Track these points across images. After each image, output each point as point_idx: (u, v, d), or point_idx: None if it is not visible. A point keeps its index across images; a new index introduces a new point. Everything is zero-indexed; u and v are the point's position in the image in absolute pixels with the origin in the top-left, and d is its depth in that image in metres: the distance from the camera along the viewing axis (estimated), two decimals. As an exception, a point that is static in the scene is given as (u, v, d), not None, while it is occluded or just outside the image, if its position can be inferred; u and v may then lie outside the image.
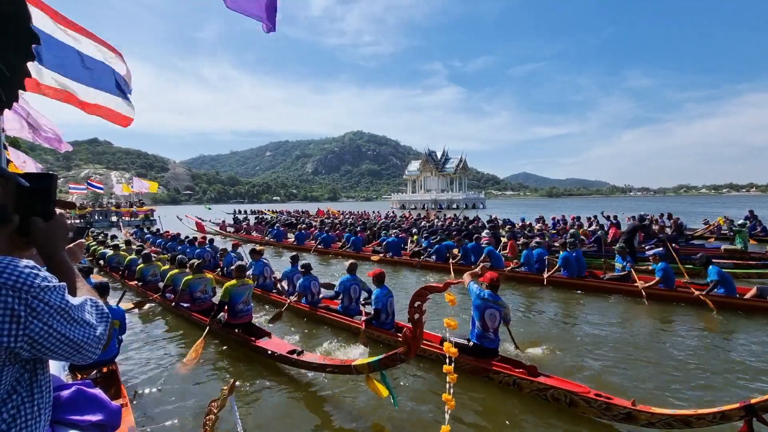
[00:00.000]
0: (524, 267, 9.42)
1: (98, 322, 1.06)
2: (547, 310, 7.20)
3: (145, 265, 8.36)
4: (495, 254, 10.11)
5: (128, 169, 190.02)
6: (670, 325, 6.34)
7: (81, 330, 1.00)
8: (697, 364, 4.77)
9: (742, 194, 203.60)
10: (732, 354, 5.07)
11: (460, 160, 72.18)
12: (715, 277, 6.80)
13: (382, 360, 3.37)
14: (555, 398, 3.81)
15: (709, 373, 4.53)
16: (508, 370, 4.17)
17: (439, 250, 11.14)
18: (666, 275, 7.29)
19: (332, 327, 6.30)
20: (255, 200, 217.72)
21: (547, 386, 3.85)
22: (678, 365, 4.73)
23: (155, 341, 6.03)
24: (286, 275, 7.57)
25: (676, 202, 79.09)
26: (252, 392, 4.34)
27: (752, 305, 6.54)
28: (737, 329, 5.97)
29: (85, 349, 1.01)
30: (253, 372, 4.81)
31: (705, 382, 4.34)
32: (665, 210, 21.88)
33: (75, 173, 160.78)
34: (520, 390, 4.04)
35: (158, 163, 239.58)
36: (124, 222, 35.28)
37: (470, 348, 4.51)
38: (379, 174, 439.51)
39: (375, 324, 5.63)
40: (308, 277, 6.84)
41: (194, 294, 6.39)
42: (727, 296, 6.72)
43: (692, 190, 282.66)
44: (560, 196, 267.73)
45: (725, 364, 4.75)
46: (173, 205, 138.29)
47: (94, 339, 1.03)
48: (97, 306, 1.09)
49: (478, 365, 4.36)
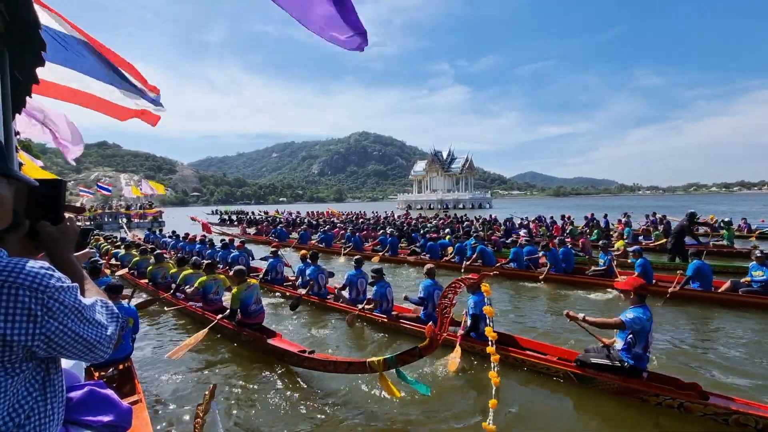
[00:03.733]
0: (513, 263, 9.81)
1: (109, 322, 1.07)
2: (538, 305, 7.58)
3: (155, 266, 8.40)
4: (487, 252, 10.47)
5: (137, 172, 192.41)
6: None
7: (94, 329, 1.02)
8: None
9: (753, 192, 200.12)
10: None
11: (466, 159, 71.92)
12: (690, 272, 7.20)
13: (399, 356, 3.31)
14: (741, 424, 3.27)
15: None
16: (668, 392, 3.58)
17: (432, 248, 11.72)
18: (644, 270, 7.59)
19: (409, 337, 5.72)
20: (261, 201, 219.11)
21: (730, 411, 3.30)
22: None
23: (167, 340, 6.10)
24: (350, 280, 6.96)
25: (686, 201, 77.97)
26: (260, 391, 4.33)
27: (724, 298, 6.96)
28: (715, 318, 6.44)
29: (98, 348, 1.03)
30: (264, 372, 4.81)
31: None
32: (676, 208, 21.63)
33: (85, 176, 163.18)
34: (689, 413, 3.48)
35: (166, 165, 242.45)
36: (132, 224, 35.74)
37: (619, 368, 3.83)
38: (385, 174, 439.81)
39: (474, 336, 4.97)
40: (383, 284, 6.33)
41: (208, 295, 6.43)
42: (701, 290, 7.16)
43: (702, 188, 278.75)
44: (568, 195, 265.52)
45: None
46: (181, 206, 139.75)
47: (105, 338, 1.04)
48: (107, 306, 1.10)
49: (627, 385, 3.76)
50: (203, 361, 5.25)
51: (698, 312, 6.69)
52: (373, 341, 5.86)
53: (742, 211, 31.25)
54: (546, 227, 17.32)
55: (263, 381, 4.59)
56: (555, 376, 4.27)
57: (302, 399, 4.16)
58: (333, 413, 3.85)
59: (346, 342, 5.88)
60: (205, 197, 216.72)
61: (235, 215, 35.61)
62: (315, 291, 7.54)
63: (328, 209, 38.02)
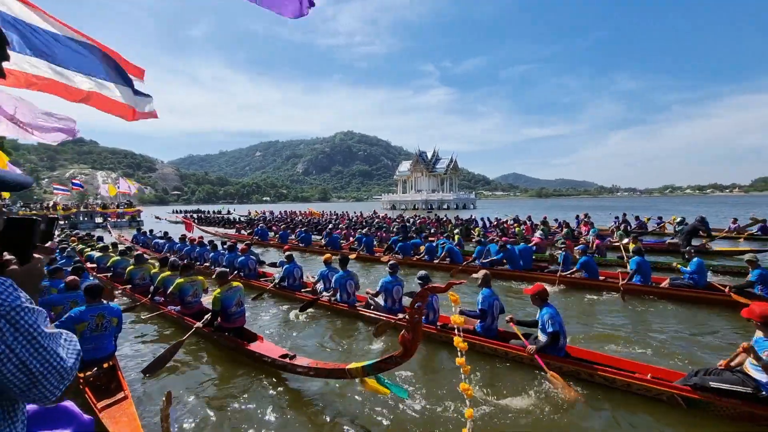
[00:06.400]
0: (477, 261, 10.39)
1: (68, 356, 0.99)
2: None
3: (135, 266, 8.09)
4: (453, 251, 11.10)
5: (114, 169, 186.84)
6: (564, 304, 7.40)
7: (44, 361, 0.91)
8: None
9: (725, 194, 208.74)
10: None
11: (450, 160, 72.56)
12: (633, 266, 7.87)
13: (376, 364, 3.26)
14: None
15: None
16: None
17: (404, 247, 12.22)
18: (587, 267, 8.40)
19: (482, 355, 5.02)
20: (245, 201, 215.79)
21: None
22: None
23: (146, 346, 5.90)
24: (385, 287, 6.37)
25: (660, 202, 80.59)
26: (240, 397, 4.21)
27: (662, 292, 7.60)
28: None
29: (41, 385, 0.91)
30: (243, 376, 4.70)
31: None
32: (651, 209, 22.48)
33: (60, 173, 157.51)
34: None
35: (146, 163, 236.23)
36: (111, 223, 34.76)
37: (751, 395, 3.60)
38: (369, 174, 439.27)
39: (551, 353, 4.51)
40: (434, 297, 5.64)
41: (185, 298, 6.25)
42: (641, 284, 7.81)
43: (677, 190, 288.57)
44: (549, 196, 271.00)
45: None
46: (161, 205, 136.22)
47: (57, 372, 0.94)
48: (71, 341, 1.06)
49: (752, 410, 3.56)
50: (188, 364, 5.13)
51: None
52: (426, 355, 5.13)
53: (711, 211, 32.65)
54: (519, 226, 17.93)
55: (242, 386, 4.46)
56: (656, 398, 3.87)
57: (283, 403, 4.09)
58: (319, 418, 3.78)
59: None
60: (186, 196, 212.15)
61: (196, 214, 36.18)
62: (344, 298, 6.92)
63: (308, 209, 38.51)
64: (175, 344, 4.87)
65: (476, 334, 5.21)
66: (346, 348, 5.61)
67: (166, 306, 6.80)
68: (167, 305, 6.81)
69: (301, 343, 5.81)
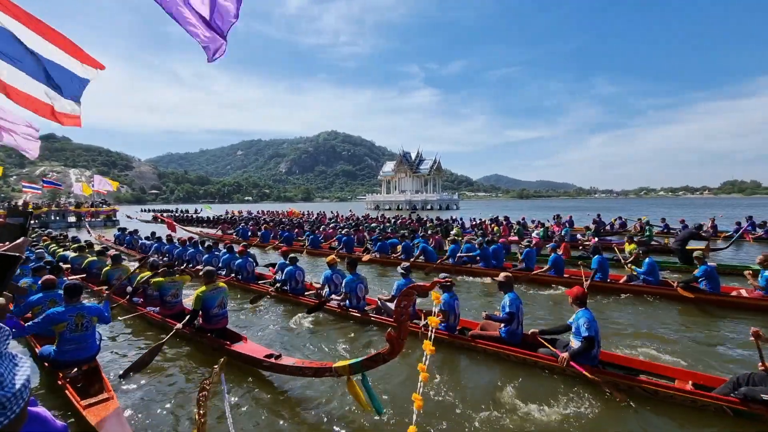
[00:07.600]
0: (450, 259, 10.81)
1: (15, 381, 0.88)
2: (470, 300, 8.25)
3: (112, 267, 7.80)
4: (428, 250, 11.56)
5: (88, 167, 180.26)
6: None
7: None
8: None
9: (696, 197, 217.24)
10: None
11: (434, 161, 73.20)
12: (595, 265, 8.40)
13: (363, 361, 3.21)
14: None
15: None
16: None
17: (383, 246, 12.68)
18: (555, 265, 8.97)
19: (489, 358, 5.06)
20: (226, 200, 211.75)
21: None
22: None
23: (124, 349, 5.77)
24: (400, 290, 5.72)
25: (635, 203, 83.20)
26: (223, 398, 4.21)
27: (620, 288, 8.26)
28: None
29: None
30: (227, 378, 4.63)
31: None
32: (623, 210, 23.43)
33: (29, 171, 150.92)
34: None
35: (122, 161, 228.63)
36: (83, 223, 33.59)
37: None
38: (353, 175, 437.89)
39: (583, 362, 4.40)
40: (451, 293, 5.53)
41: (165, 298, 6.19)
42: (601, 281, 8.42)
43: (652, 192, 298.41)
44: (530, 197, 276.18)
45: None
46: (138, 204, 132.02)
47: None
48: (21, 367, 0.96)
49: None
50: (169, 366, 5.01)
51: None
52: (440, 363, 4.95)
53: (679, 214, 34.06)
54: (498, 226, 18.48)
55: (229, 387, 4.34)
56: (702, 408, 3.78)
57: (269, 403, 4.07)
58: (305, 418, 3.77)
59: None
60: (165, 195, 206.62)
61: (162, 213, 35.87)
62: (353, 303, 6.63)
63: (290, 209, 38.63)
64: (154, 347, 4.78)
65: (501, 339, 5.09)
66: (359, 355, 5.42)
67: (145, 307, 6.71)
68: (146, 306, 6.73)
69: (310, 349, 5.56)
